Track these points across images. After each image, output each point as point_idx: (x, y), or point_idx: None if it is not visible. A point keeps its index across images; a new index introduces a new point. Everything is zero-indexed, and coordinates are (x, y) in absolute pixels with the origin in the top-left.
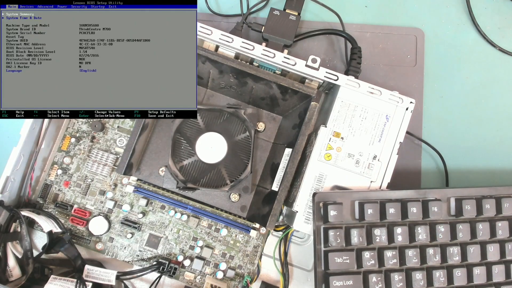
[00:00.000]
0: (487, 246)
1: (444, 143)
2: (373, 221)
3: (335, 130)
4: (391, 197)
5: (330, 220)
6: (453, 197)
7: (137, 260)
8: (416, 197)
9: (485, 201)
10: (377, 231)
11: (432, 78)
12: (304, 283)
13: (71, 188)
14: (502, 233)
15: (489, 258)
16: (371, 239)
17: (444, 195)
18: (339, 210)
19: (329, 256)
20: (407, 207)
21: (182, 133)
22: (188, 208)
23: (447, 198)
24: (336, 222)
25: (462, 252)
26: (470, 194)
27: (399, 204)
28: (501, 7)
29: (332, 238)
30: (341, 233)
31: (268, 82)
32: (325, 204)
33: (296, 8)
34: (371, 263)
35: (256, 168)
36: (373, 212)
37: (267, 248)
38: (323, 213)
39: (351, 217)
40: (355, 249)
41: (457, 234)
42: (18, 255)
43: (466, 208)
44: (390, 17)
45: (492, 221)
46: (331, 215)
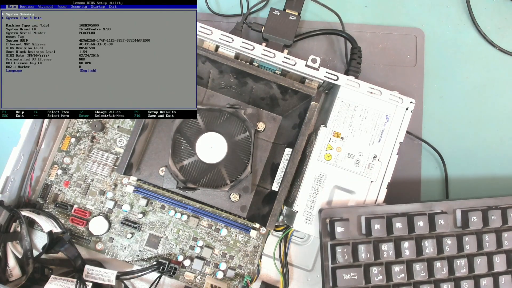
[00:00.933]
0: (493, 257)
1: (444, 143)
2: (380, 236)
3: (335, 130)
4: (397, 211)
5: (337, 236)
6: (459, 209)
7: (137, 260)
8: (422, 211)
9: (491, 212)
10: (384, 246)
11: (432, 78)
12: (304, 283)
13: (71, 188)
14: (509, 243)
15: (496, 269)
16: (379, 254)
17: (449, 207)
18: (346, 226)
19: (337, 273)
20: (414, 221)
21: (182, 133)
22: (188, 208)
23: (452, 210)
24: (343, 239)
25: (469, 264)
26: (475, 205)
27: (405, 218)
28: (501, 7)
29: (339, 254)
30: (348, 250)
31: (268, 82)
32: (332, 220)
33: (296, 8)
34: (379, 279)
35: (256, 168)
36: (380, 227)
37: (267, 248)
38: (330, 230)
39: (357, 233)
40: (362, 265)
41: (464, 246)
42: (18, 255)
43: (472, 220)
44: (390, 17)
45: (499, 231)
46: (338, 231)
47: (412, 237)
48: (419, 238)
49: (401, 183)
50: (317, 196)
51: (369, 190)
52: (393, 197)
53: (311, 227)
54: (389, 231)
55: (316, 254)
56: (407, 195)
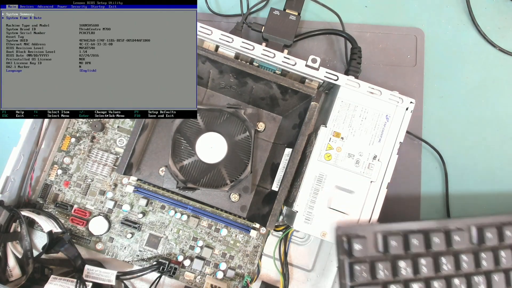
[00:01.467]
0: (510, 273)
1: (444, 143)
2: (398, 253)
3: (335, 130)
4: (413, 228)
5: (354, 254)
6: (473, 226)
7: (137, 260)
8: (438, 227)
9: (505, 228)
10: (402, 263)
11: (432, 78)
12: (304, 283)
13: (71, 188)
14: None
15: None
16: (397, 271)
17: (465, 224)
18: (363, 243)
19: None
20: (430, 237)
21: (182, 133)
22: (188, 208)
23: (467, 227)
24: (361, 256)
25: (487, 281)
26: (490, 222)
27: (422, 235)
28: (501, 7)
29: (357, 273)
30: (366, 268)
31: (268, 82)
32: (349, 237)
33: (296, 8)
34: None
35: (256, 168)
36: (397, 244)
37: (267, 248)
38: (348, 247)
39: (375, 250)
40: (381, 283)
41: (481, 263)
42: (18, 255)
43: (487, 236)
44: (390, 17)
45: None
46: (356, 249)
47: (429, 254)
48: (436, 255)
49: (401, 183)
50: (317, 196)
51: (369, 190)
52: (394, 196)
53: (311, 227)
54: (406, 248)
55: (316, 254)
56: (407, 193)
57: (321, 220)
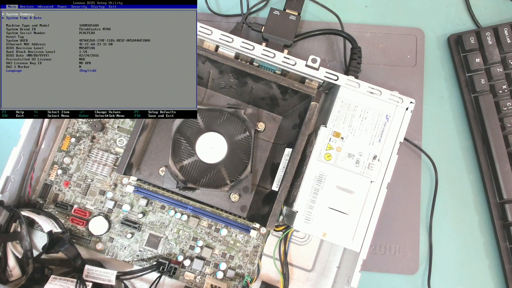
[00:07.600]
0: None
1: (444, 143)
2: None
3: (335, 130)
4: None
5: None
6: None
7: (137, 260)
8: None
9: None
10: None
11: (432, 78)
12: (304, 283)
13: (71, 188)
14: None
15: None
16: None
17: None
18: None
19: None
20: None
21: (182, 133)
22: (188, 208)
23: None
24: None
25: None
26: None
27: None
28: (501, 7)
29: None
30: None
31: (268, 82)
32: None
33: (296, 8)
34: None
35: (256, 168)
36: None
37: (267, 248)
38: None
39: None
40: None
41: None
42: (18, 255)
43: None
44: (390, 17)
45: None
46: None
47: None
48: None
49: (401, 183)
50: (317, 196)
51: (369, 190)
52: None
53: (311, 227)
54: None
55: (316, 254)
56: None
57: (321, 220)
